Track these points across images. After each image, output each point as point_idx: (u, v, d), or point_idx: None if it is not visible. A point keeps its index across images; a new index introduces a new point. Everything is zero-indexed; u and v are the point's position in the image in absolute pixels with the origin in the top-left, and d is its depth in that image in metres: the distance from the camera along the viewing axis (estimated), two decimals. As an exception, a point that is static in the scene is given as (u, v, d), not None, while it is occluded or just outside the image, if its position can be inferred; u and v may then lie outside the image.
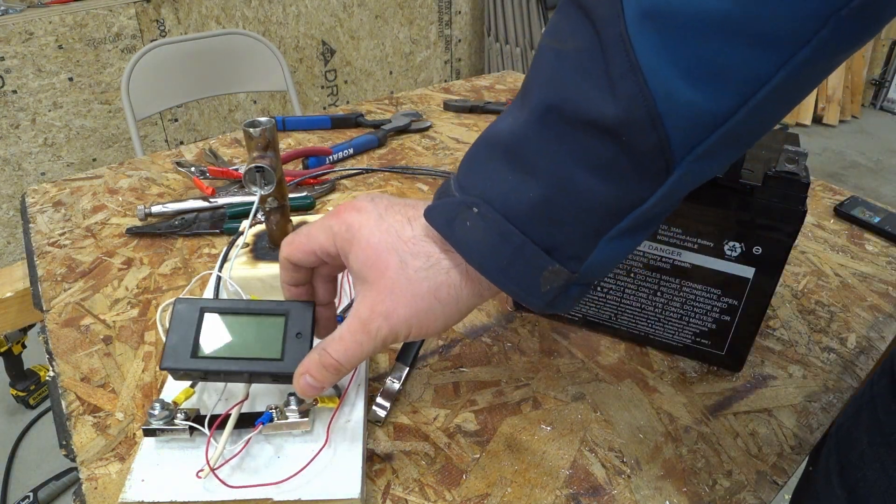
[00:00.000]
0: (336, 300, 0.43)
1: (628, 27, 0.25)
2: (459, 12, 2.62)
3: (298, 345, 0.39)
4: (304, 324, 0.40)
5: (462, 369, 0.50)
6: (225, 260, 0.53)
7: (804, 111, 3.04)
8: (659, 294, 0.49)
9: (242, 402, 0.41)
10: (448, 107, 1.03)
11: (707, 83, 0.25)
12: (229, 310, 0.42)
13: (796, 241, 0.60)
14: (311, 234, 0.37)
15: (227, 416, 0.40)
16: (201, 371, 0.40)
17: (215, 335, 0.41)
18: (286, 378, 0.39)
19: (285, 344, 0.40)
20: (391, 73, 2.52)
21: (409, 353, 0.50)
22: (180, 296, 0.43)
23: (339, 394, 0.44)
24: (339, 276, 0.55)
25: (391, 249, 0.33)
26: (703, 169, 0.28)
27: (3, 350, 1.44)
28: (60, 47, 1.68)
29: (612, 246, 0.30)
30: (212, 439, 0.40)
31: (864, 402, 0.39)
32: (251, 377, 0.40)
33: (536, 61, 0.30)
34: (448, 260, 0.33)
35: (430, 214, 0.33)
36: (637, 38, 0.25)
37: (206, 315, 0.41)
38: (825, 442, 0.44)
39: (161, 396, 0.43)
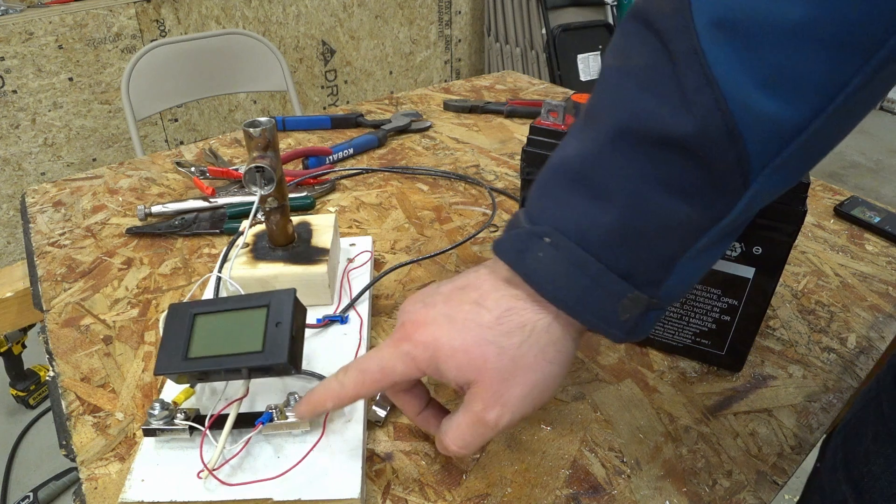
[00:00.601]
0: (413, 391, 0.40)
1: (700, 39, 0.25)
2: (459, 12, 2.62)
3: (278, 334, 0.39)
4: (283, 312, 0.40)
5: (462, 369, 0.50)
6: (225, 260, 0.53)
7: (804, 111, 3.04)
8: (659, 294, 0.49)
9: (240, 399, 0.41)
10: (448, 107, 1.03)
11: (785, 92, 0.25)
12: (219, 309, 0.42)
13: (796, 241, 0.60)
14: (385, 367, 0.34)
15: (224, 414, 0.40)
16: (193, 372, 0.40)
17: (206, 336, 0.41)
18: (269, 370, 0.39)
19: (266, 335, 0.39)
20: (391, 73, 2.52)
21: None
22: (182, 300, 0.43)
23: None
24: (343, 274, 0.54)
25: (481, 343, 0.31)
26: (780, 181, 0.27)
27: (3, 350, 1.44)
28: (60, 47, 1.68)
29: (690, 266, 0.29)
30: (211, 439, 0.40)
31: (870, 398, 0.39)
32: (239, 373, 0.40)
33: (601, 83, 0.30)
34: (542, 315, 0.31)
35: (498, 248, 0.31)
36: (710, 50, 0.25)
37: (198, 318, 0.41)
38: (832, 437, 0.44)
39: (161, 396, 0.43)
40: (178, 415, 0.40)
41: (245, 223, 0.54)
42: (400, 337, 0.34)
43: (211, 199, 0.72)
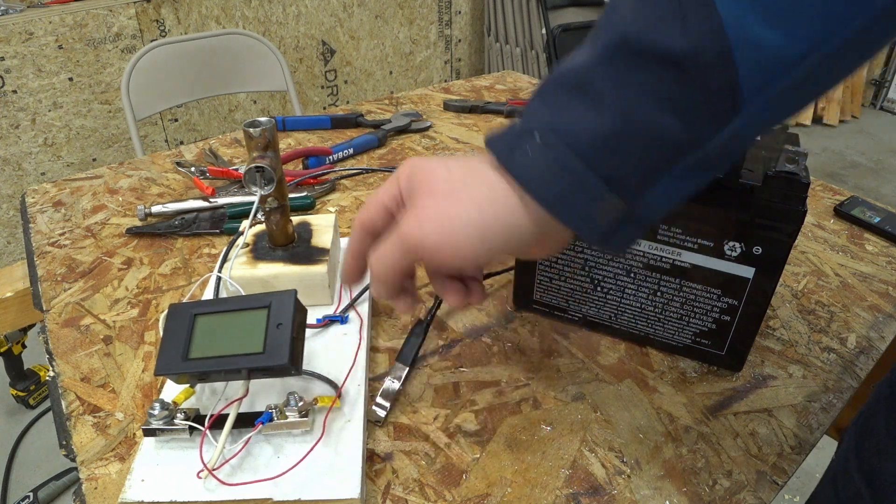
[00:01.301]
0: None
1: None
2: (459, 12, 2.62)
3: (279, 335, 0.39)
4: (284, 313, 0.40)
5: (462, 369, 0.50)
6: (225, 260, 0.53)
7: (804, 111, 3.04)
8: (659, 294, 0.49)
9: (240, 399, 0.41)
10: (448, 107, 1.03)
11: (784, 23, 0.25)
12: (219, 309, 0.42)
13: (796, 241, 0.60)
14: (379, 189, 0.37)
15: (224, 414, 0.40)
16: (193, 373, 0.40)
17: (207, 336, 0.41)
18: (270, 371, 0.40)
19: (267, 336, 0.40)
20: (391, 73, 2.52)
21: (409, 353, 0.50)
22: (182, 300, 0.43)
23: (337, 391, 0.44)
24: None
25: (440, 163, 0.34)
26: (770, 115, 0.28)
27: (3, 350, 1.44)
28: (60, 47, 1.68)
29: (671, 186, 0.30)
30: (211, 439, 0.40)
31: (882, 393, 0.40)
32: (240, 373, 0.40)
33: (609, 6, 0.30)
34: (506, 185, 0.32)
35: (490, 142, 0.32)
36: None
37: (199, 318, 0.41)
38: (846, 431, 0.44)
39: (161, 396, 0.43)
40: (178, 415, 0.40)
41: (245, 223, 0.54)
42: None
43: (211, 199, 0.72)
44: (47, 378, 0.51)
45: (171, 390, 0.45)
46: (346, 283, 0.41)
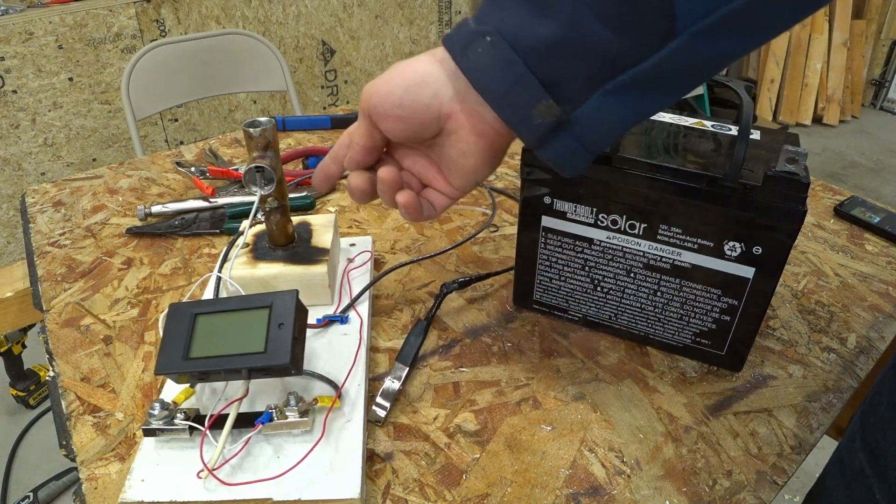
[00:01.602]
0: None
1: None
2: (459, 12, 2.62)
3: (281, 335, 0.39)
4: (286, 313, 0.40)
5: (462, 369, 0.50)
6: (225, 260, 0.53)
7: (804, 111, 3.04)
8: (659, 294, 0.49)
9: (240, 399, 0.41)
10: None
11: None
12: (220, 309, 0.42)
13: (796, 241, 0.60)
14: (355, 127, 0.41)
15: (224, 414, 0.40)
16: (194, 372, 0.40)
17: (207, 336, 0.41)
18: (271, 371, 0.40)
19: (268, 336, 0.40)
20: (391, 73, 2.52)
21: (409, 353, 0.50)
22: (182, 300, 0.43)
23: (337, 391, 0.44)
24: (343, 274, 0.55)
25: (387, 71, 0.37)
26: (709, 47, 0.29)
27: (3, 350, 1.44)
28: (60, 47, 1.68)
29: (608, 101, 0.32)
30: (211, 439, 0.40)
31: (888, 370, 0.40)
32: (240, 373, 0.40)
33: None
34: (444, 71, 0.36)
35: (447, 40, 0.35)
36: None
37: (199, 318, 0.42)
38: (853, 414, 0.44)
39: (161, 396, 0.43)
40: (178, 415, 0.40)
41: (245, 223, 0.54)
42: None
43: (211, 199, 0.72)
44: (47, 378, 0.51)
45: (171, 390, 0.45)
46: (315, 184, 0.44)
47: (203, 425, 0.40)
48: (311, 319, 0.49)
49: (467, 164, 0.38)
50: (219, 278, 0.51)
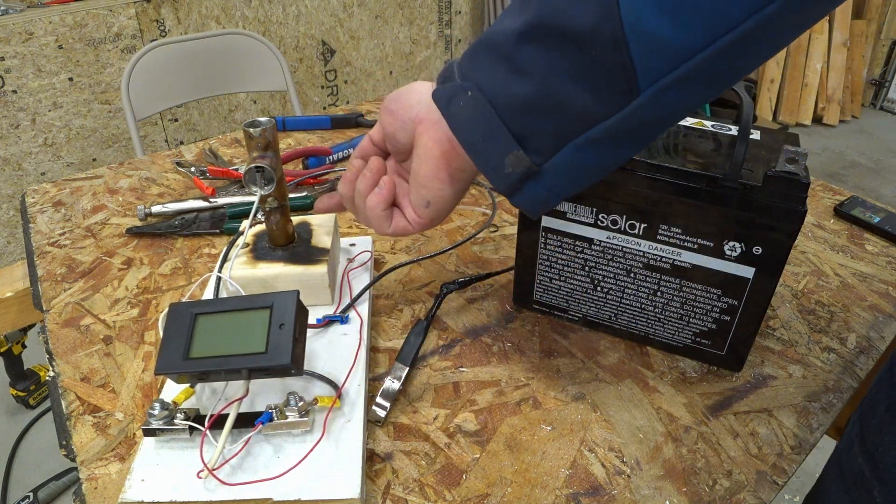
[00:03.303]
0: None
1: None
2: (459, 12, 2.62)
3: (281, 336, 0.40)
4: (287, 314, 0.40)
5: (462, 369, 0.50)
6: (225, 260, 0.53)
7: (804, 111, 3.04)
8: (659, 294, 0.49)
9: (240, 399, 0.41)
10: (448, 107, 1.03)
11: (675, 16, 0.27)
12: (221, 309, 0.42)
13: (796, 241, 0.60)
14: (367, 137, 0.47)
15: (224, 414, 0.40)
16: (194, 372, 0.40)
17: (208, 336, 0.41)
18: (271, 371, 0.40)
19: (269, 336, 0.40)
20: (391, 73, 2.52)
21: (409, 353, 0.50)
22: (182, 300, 0.43)
23: (337, 391, 0.44)
24: (343, 274, 0.55)
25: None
26: (672, 101, 0.31)
27: (3, 350, 1.44)
28: (60, 47, 1.68)
29: (576, 154, 0.34)
30: (211, 439, 0.40)
31: (884, 373, 0.40)
32: (240, 373, 0.40)
33: None
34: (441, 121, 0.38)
35: (435, 95, 0.38)
36: None
37: (200, 318, 0.41)
38: (851, 417, 0.45)
39: (161, 396, 0.43)
40: (178, 415, 0.40)
41: (245, 223, 0.54)
42: None
43: (211, 199, 0.72)
44: (47, 378, 0.51)
45: (171, 390, 0.45)
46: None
47: (203, 425, 0.40)
48: (311, 319, 0.49)
49: (421, 172, 0.40)
50: (219, 278, 0.51)
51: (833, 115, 3.08)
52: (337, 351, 0.49)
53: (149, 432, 0.40)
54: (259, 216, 0.53)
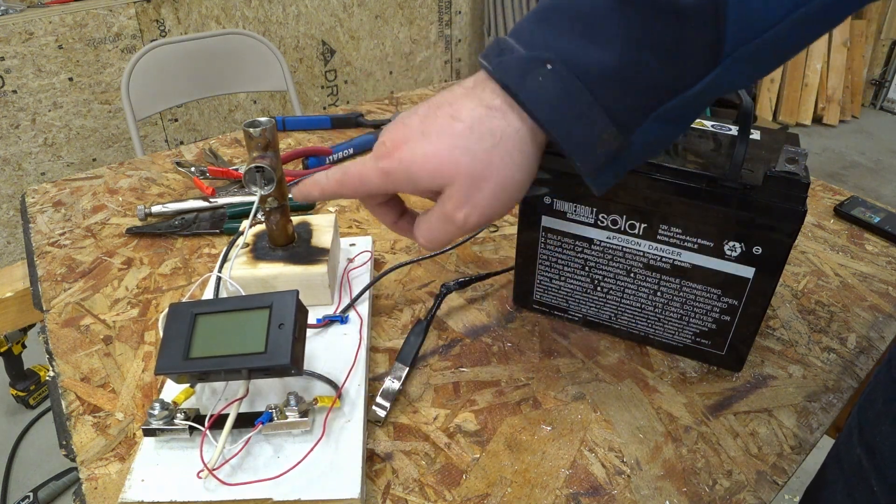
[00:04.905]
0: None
1: None
2: (459, 12, 2.62)
3: (281, 336, 0.40)
4: (286, 314, 0.40)
5: (462, 369, 0.50)
6: (225, 260, 0.53)
7: (804, 111, 3.04)
8: (659, 294, 0.49)
9: (240, 399, 0.41)
10: (448, 107, 1.03)
11: None
12: (220, 309, 0.42)
13: (796, 241, 0.60)
14: (363, 177, 0.37)
15: (224, 414, 0.40)
16: (194, 372, 0.40)
17: (208, 336, 0.41)
18: (271, 371, 0.40)
19: (269, 336, 0.40)
20: (391, 73, 2.52)
21: (409, 353, 0.50)
22: (182, 300, 0.43)
23: (337, 391, 0.44)
24: (343, 274, 0.54)
25: (453, 149, 0.33)
26: (742, 71, 0.31)
27: (3, 350, 1.44)
28: (60, 47, 1.68)
29: (656, 126, 0.32)
30: (211, 439, 0.40)
31: (882, 366, 0.40)
32: (240, 373, 0.40)
33: None
34: (512, 123, 0.33)
35: (501, 68, 0.33)
36: None
37: (200, 318, 0.42)
38: (850, 410, 0.45)
39: (161, 396, 0.43)
40: (178, 415, 0.40)
41: (245, 223, 0.54)
42: (379, 154, 0.36)
43: (211, 199, 0.72)
44: (47, 378, 0.51)
45: (171, 390, 0.45)
46: (296, 194, 0.41)
47: (203, 425, 0.40)
48: (311, 319, 0.49)
49: (496, 214, 0.37)
50: (219, 278, 0.51)
51: (833, 115, 3.08)
52: (337, 351, 0.49)
53: (149, 432, 0.40)
54: (259, 216, 0.53)
